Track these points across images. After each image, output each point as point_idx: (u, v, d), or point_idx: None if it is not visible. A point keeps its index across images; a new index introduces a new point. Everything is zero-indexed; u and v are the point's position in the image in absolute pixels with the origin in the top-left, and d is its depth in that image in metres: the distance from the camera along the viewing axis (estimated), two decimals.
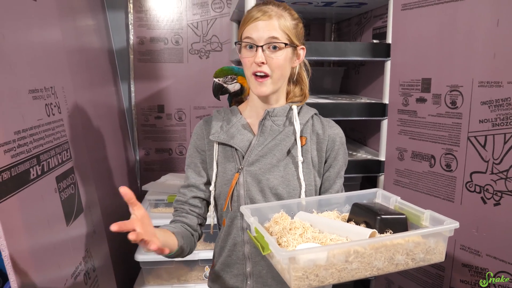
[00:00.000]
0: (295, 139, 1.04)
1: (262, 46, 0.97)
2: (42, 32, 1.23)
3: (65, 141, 1.26)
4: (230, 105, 1.36)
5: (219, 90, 1.31)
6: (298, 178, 1.03)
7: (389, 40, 1.70)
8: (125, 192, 0.78)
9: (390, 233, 0.84)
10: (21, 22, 1.09)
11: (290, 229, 0.86)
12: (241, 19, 1.05)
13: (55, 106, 1.22)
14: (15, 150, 0.95)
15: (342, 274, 0.74)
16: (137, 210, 0.82)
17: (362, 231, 0.82)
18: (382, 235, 0.83)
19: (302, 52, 1.06)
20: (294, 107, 1.07)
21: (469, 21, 1.37)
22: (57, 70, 1.29)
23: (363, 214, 0.91)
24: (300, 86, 1.12)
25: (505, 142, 1.28)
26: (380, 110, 1.74)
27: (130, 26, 2.36)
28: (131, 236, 0.75)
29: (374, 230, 0.82)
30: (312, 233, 0.85)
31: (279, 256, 0.72)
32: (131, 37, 2.37)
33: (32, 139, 1.05)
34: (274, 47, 0.98)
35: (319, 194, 1.10)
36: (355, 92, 2.26)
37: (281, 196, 1.03)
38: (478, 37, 1.35)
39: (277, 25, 0.97)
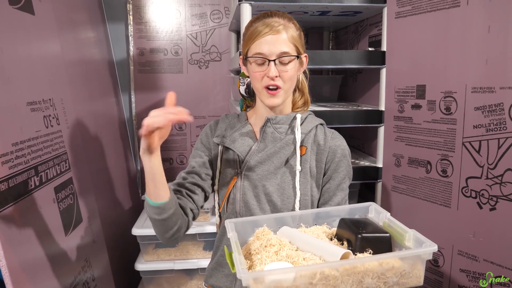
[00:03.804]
0: (295, 148, 1.04)
1: (274, 60, 0.98)
2: (41, 45, 1.26)
3: (64, 152, 1.28)
4: (241, 109, 1.36)
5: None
6: (294, 187, 1.03)
7: (384, 47, 1.72)
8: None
9: (370, 253, 0.80)
10: (20, 36, 1.12)
11: (265, 246, 0.84)
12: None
13: (53, 117, 1.24)
14: (13, 162, 0.98)
15: None
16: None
17: (335, 251, 0.78)
18: (360, 255, 0.80)
19: (305, 60, 1.07)
20: (298, 116, 1.07)
21: (461, 28, 1.39)
22: (56, 83, 1.32)
23: (348, 230, 0.87)
24: (302, 93, 1.14)
25: (499, 147, 1.29)
26: (377, 117, 1.75)
27: (130, 37, 2.39)
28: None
29: (348, 250, 0.78)
30: (288, 251, 0.82)
31: (239, 276, 0.69)
32: (131, 48, 2.40)
33: (30, 151, 1.07)
34: (285, 60, 0.99)
35: (318, 206, 1.09)
36: (353, 100, 2.28)
37: (275, 203, 1.03)
38: (471, 43, 1.36)
39: (286, 38, 0.99)
